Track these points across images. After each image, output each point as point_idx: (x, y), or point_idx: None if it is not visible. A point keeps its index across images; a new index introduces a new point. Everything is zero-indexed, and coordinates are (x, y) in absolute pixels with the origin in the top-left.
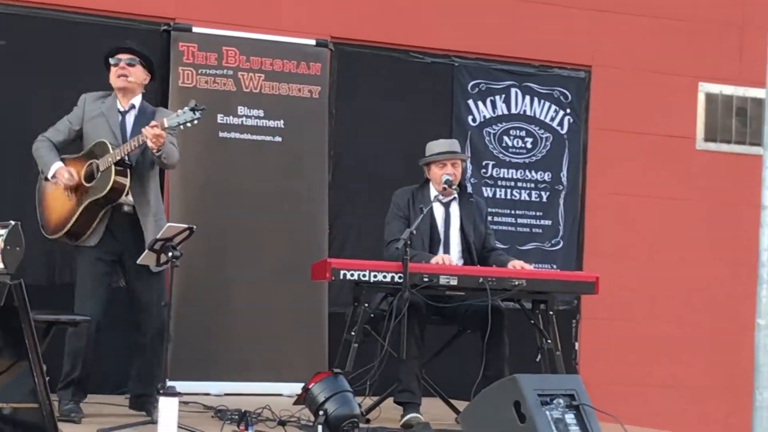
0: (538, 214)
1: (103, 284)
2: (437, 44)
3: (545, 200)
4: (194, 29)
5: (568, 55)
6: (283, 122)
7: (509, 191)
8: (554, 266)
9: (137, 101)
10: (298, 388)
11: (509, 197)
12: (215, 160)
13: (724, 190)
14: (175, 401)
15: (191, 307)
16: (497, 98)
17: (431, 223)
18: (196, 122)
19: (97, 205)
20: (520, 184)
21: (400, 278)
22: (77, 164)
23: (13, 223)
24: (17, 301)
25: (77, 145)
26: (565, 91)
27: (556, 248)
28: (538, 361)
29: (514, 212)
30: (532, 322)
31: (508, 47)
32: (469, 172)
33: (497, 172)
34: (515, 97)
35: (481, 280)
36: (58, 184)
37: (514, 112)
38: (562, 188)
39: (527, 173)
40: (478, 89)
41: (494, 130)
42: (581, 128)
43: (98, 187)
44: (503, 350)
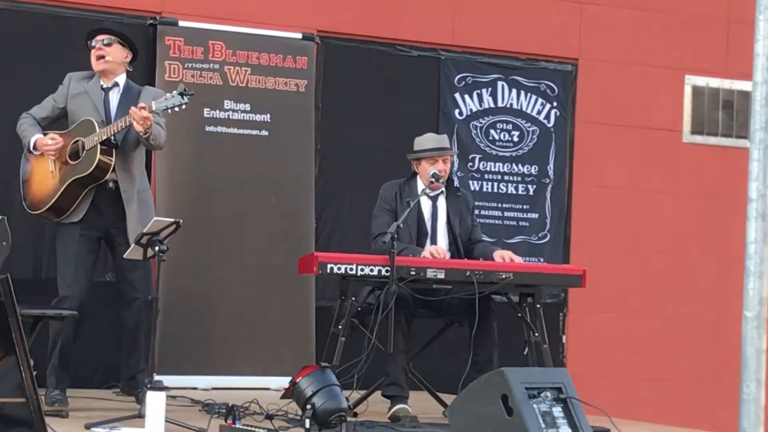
0: (525, 207)
1: (87, 261)
2: (423, 38)
3: (532, 193)
4: (180, 23)
5: (554, 48)
6: (269, 116)
7: (496, 185)
8: (541, 259)
9: (121, 80)
10: (285, 381)
11: (496, 191)
12: (202, 154)
13: (710, 183)
14: (162, 395)
15: (178, 301)
16: (484, 91)
17: (418, 216)
18: (184, 107)
19: (81, 183)
20: (506, 177)
21: (387, 272)
22: (63, 140)
23: None
24: (4, 296)
25: (62, 123)
26: (551, 84)
27: (543, 241)
28: (525, 354)
29: (500, 206)
30: (519, 315)
31: (494, 41)
32: (455, 165)
33: (484, 165)
34: (502, 90)
35: (468, 273)
36: (43, 153)
37: (500, 105)
38: (548, 181)
39: (514, 167)
40: (464, 83)
41: (481, 123)
42: (568, 121)
43: (83, 165)
44: (492, 336)
